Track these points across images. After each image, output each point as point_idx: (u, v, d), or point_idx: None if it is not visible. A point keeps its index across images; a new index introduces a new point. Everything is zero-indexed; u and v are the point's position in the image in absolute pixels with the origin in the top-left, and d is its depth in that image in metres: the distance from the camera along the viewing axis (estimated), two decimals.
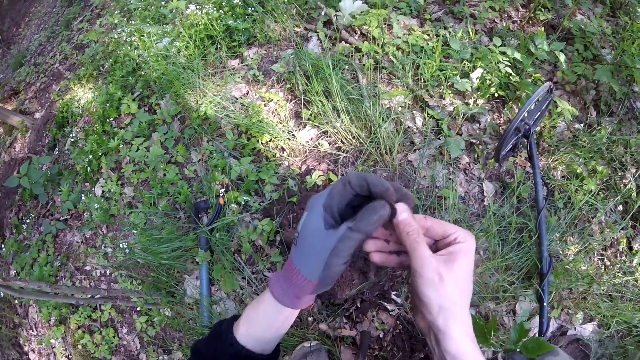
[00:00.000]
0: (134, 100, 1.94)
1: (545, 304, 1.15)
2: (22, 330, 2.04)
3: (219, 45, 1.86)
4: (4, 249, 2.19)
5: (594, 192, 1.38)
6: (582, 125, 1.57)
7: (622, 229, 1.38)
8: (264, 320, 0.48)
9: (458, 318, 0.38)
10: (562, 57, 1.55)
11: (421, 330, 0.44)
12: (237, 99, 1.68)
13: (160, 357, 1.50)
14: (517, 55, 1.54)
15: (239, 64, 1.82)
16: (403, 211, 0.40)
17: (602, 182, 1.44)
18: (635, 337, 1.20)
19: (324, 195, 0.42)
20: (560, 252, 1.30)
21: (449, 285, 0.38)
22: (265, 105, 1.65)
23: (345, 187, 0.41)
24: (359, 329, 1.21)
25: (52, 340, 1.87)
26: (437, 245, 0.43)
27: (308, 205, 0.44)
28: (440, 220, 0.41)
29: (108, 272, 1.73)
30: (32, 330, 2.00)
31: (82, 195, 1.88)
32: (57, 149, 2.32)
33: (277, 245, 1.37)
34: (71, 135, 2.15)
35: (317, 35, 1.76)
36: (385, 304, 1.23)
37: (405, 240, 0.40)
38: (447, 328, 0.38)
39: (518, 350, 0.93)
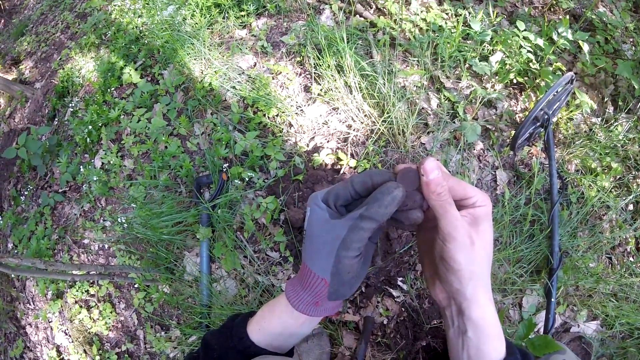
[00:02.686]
0: (136, 69, 1.88)
1: (553, 300, 1.13)
2: (20, 303, 2.02)
3: (226, 15, 1.79)
4: (1, 221, 2.15)
5: (608, 190, 1.34)
6: (599, 119, 1.52)
7: (633, 229, 1.35)
8: (279, 324, 0.46)
9: (486, 285, 0.38)
10: (585, 48, 1.49)
11: (439, 303, 0.43)
12: (244, 70, 1.61)
13: (158, 334, 1.48)
14: (540, 42, 1.48)
15: (247, 34, 1.75)
16: (434, 168, 0.36)
17: (615, 179, 1.41)
18: (636, 339, 1.19)
19: (324, 191, 0.41)
20: (571, 247, 1.27)
21: (478, 249, 0.37)
22: (273, 78, 1.58)
23: (346, 185, 0.39)
24: (363, 315, 1.18)
25: (49, 315, 1.84)
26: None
27: (309, 201, 0.42)
28: (459, 180, 0.38)
29: (106, 246, 1.70)
30: (29, 304, 1.98)
31: (81, 167, 1.83)
32: (56, 119, 2.26)
33: (281, 225, 1.32)
34: (71, 105, 2.09)
35: (330, 7, 1.69)
36: (391, 290, 1.20)
37: (435, 201, 0.36)
38: (475, 294, 0.37)
39: (524, 345, 0.90)
